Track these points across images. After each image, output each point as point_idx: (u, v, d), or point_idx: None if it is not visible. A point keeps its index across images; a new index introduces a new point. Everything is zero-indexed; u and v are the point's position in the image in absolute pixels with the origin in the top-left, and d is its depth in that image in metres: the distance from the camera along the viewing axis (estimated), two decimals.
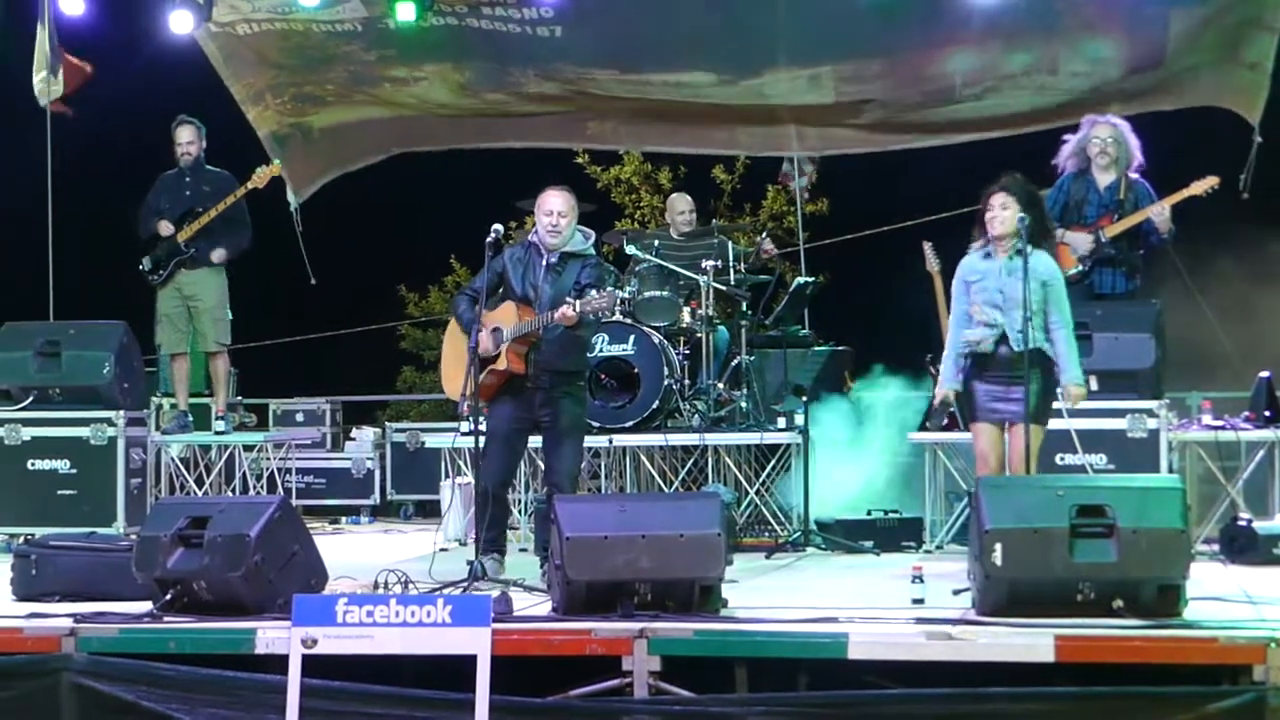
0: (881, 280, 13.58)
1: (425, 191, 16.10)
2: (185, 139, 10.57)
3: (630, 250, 10.75)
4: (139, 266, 10.62)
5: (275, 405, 13.80)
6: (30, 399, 9.99)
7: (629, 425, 10.03)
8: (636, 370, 10.06)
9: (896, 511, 9.60)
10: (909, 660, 6.22)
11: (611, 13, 11.08)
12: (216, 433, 10.80)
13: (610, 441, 10.02)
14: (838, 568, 8.74)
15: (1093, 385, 8.44)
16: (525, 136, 12.61)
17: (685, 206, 11.53)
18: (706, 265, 10.36)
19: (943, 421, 9.26)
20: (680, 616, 6.52)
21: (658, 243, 10.94)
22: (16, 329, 10.23)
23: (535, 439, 8.31)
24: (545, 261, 7.92)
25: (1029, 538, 6.43)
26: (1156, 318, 9.16)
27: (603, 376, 10.11)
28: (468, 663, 6.15)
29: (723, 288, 10.49)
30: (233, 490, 10.73)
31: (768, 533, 9.84)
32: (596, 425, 9.95)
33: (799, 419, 9.62)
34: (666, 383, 10.02)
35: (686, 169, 17.81)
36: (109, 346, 10.01)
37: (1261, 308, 11.13)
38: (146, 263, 10.57)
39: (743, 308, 10.62)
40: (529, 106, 12.11)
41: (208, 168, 10.62)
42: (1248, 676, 6.00)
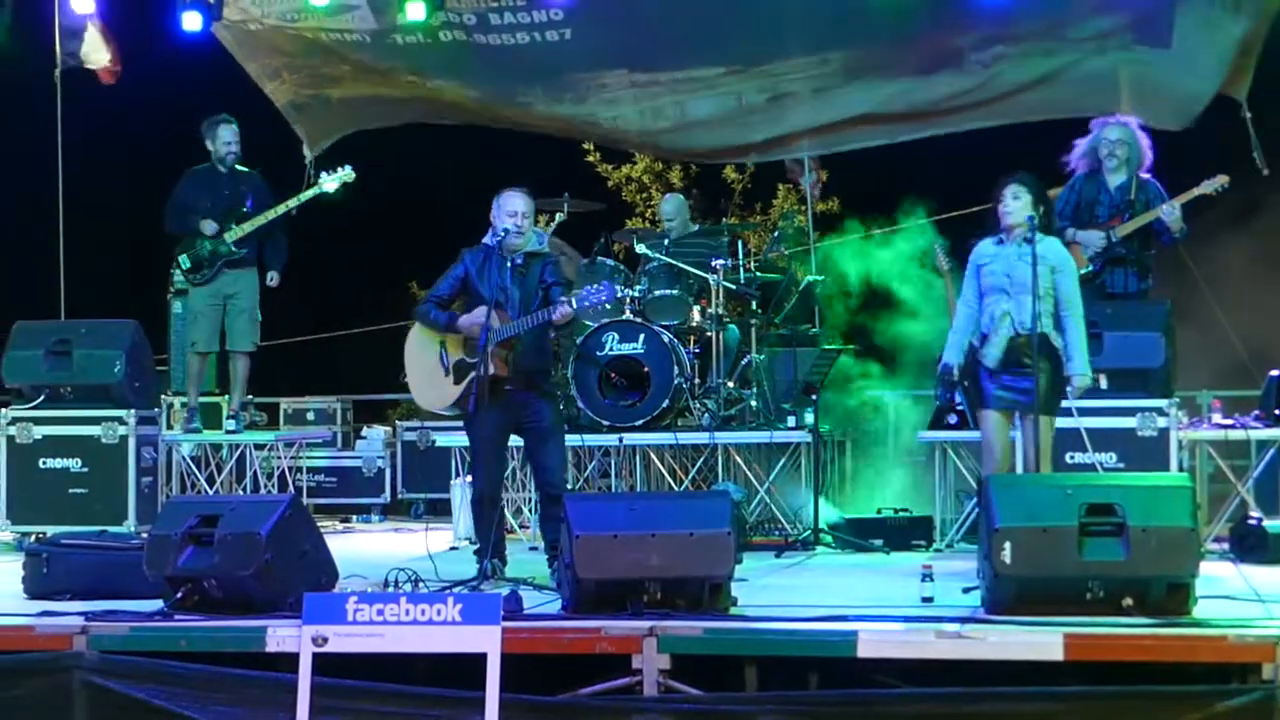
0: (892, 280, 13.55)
1: (438, 188, 16.10)
2: (228, 138, 10.46)
3: (640, 249, 10.75)
4: (176, 265, 10.57)
5: (286, 404, 13.79)
6: (42, 398, 9.95)
7: (639, 424, 10.02)
8: (646, 369, 10.05)
9: (906, 510, 9.59)
10: (919, 659, 6.23)
11: (622, 11, 11.12)
12: (228, 432, 10.81)
13: (620, 440, 10.02)
14: (847, 566, 8.74)
15: (1103, 384, 8.44)
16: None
17: (672, 210, 11.50)
18: (716, 264, 10.37)
19: (948, 396, 9.28)
20: (690, 615, 6.53)
21: (668, 241, 10.95)
22: (28, 328, 10.19)
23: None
24: (510, 263, 7.93)
25: (1038, 536, 6.44)
26: (1166, 317, 9.15)
27: (612, 375, 10.10)
28: (478, 661, 6.16)
29: (733, 286, 10.50)
30: (244, 489, 10.74)
31: (778, 531, 9.84)
32: (606, 424, 9.96)
33: (809, 418, 9.62)
34: (676, 381, 10.00)
35: (698, 168, 17.77)
36: (120, 345, 9.96)
37: (1272, 307, 11.10)
38: (185, 261, 10.48)
39: (753, 306, 10.62)
40: (539, 122, 12.22)
41: (239, 168, 10.57)
42: (1257, 675, 6.01)
